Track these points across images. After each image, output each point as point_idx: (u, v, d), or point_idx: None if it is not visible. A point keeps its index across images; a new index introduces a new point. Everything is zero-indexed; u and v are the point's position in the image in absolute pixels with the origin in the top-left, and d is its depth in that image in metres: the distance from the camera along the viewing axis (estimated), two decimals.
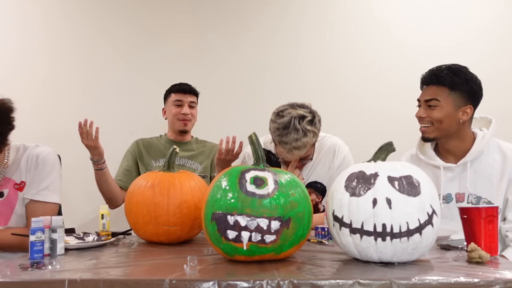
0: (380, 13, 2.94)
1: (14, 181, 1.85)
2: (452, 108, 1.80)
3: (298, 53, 2.94)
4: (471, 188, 1.82)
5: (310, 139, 1.91)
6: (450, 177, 1.85)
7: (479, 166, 1.83)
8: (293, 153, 1.93)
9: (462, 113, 1.81)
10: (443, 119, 1.80)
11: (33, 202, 1.84)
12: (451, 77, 1.79)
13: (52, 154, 1.91)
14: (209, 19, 2.96)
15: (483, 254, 1.26)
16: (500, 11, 2.90)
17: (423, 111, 1.84)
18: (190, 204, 1.63)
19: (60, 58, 2.91)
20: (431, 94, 1.83)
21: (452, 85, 1.79)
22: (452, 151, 1.88)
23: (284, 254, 1.30)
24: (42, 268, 1.22)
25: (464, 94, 1.80)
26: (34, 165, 1.86)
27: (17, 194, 1.85)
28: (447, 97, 1.80)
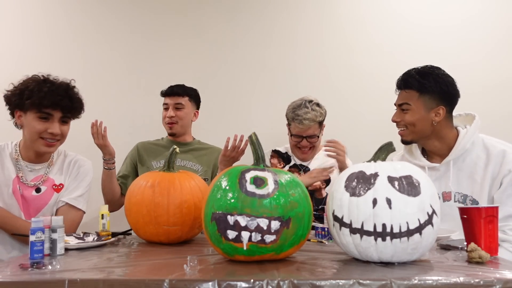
0: (379, 14, 2.94)
1: (53, 182, 1.93)
2: (423, 110, 1.83)
3: (298, 53, 2.94)
4: (457, 186, 1.83)
5: (317, 115, 2.37)
6: (436, 176, 1.86)
7: (463, 164, 1.84)
8: (304, 124, 2.35)
9: (434, 115, 1.83)
10: (415, 122, 1.84)
11: (68, 206, 1.92)
12: (419, 81, 1.82)
13: (91, 168, 2.04)
14: (210, 19, 2.96)
15: (483, 254, 1.26)
16: (501, 12, 2.90)
17: (398, 115, 1.90)
18: (190, 204, 1.63)
19: (60, 58, 2.90)
20: (402, 98, 1.87)
21: (421, 89, 1.82)
22: (435, 151, 1.90)
23: (284, 254, 1.30)
24: (42, 268, 1.22)
25: (435, 96, 1.82)
26: (75, 172, 1.97)
27: (53, 194, 1.92)
28: (417, 100, 1.83)
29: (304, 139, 2.42)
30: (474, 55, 2.86)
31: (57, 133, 1.83)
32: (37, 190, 1.90)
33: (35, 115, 1.80)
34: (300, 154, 2.48)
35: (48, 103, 1.77)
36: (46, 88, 1.78)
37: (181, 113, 2.50)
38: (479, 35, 2.89)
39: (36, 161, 1.92)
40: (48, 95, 1.77)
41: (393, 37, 2.92)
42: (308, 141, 2.42)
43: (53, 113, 1.81)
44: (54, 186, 1.93)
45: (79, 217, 1.96)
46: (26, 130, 1.85)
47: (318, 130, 2.42)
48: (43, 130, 1.81)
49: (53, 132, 1.82)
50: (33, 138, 1.83)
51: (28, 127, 1.82)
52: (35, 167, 1.92)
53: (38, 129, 1.80)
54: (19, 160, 1.90)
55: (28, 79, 1.83)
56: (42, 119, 1.80)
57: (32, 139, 1.83)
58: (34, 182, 1.90)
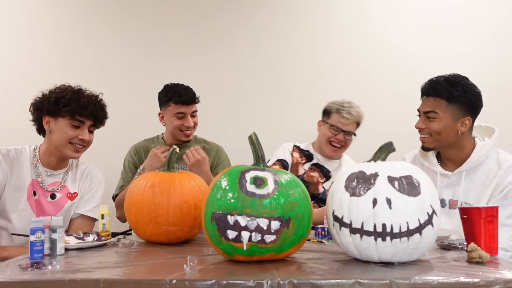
0: (380, 16, 2.94)
1: (68, 190, 1.99)
2: (451, 120, 1.82)
3: (298, 53, 2.94)
4: (465, 196, 1.83)
5: (360, 116, 2.44)
6: (446, 183, 1.88)
7: (475, 175, 1.84)
8: (351, 115, 2.39)
9: (460, 125, 1.82)
10: (442, 130, 1.82)
11: (82, 217, 1.99)
12: (448, 89, 1.80)
13: (103, 178, 2.10)
14: (210, 19, 2.96)
15: (483, 254, 1.26)
16: (503, 14, 2.90)
17: (422, 122, 1.87)
18: (190, 204, 1.63)
19: (59, 59, 2.90)
20: (430, 106, 1.84)
21: (450, 98, 1.80)
22: (452, 159, 1.90)
23: (284, 254, 1.30)
24: (42, 268, 1.22)
25: (463, 106, 1.81)
26: (88, 182, 2.04)
27: (67, 201, 1.97)
28: (445, 109, 1.81)
29: (342, 133, 2.42)
30: (476, 59, 2.86)
31: (86, 139, 1.94)
32: (52, 196, 1.94)
33: (68, 122, 1.89)
34: (330, 151, 2.46)
35: (85, 112, 1.90)
36: (85, 99, 1.91)
37: (196, 119, 2.46)
38: (483, 34, 2.89)
39: (56, 167, 1.98)
40: (86, 105, 1.90)
41: (394, 38, 2.92)
42: (344, 137, 2.43)
43: (85, 121, 1.92)
44: (68, 194, 1.98)
45: (92, 227, 2.02)
46: (55, 135, 1.91)
47: (355, 130, 2.45)
48: (74, 136, 1.90)
49: (83, 139, 1.92)
50: (63, 143, 1.90)
51: (60, 133, 1.90)
52: (54, 172, 1.97)
53: (70, 135, 1.90)
54: (38, 166, 1.95)
55: (63, 87, 1.94)
56: (74, 126, 1.91)
57: (62, 144, 1.91)
58: (52, 187, 1.95)
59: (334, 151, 2.46)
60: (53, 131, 1.91)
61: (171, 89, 2.42)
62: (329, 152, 2.46)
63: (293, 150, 2.53)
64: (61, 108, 1.88)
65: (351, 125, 2.42)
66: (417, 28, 2.92)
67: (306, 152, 2.53)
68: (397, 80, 2.87)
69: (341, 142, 2.44)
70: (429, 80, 1.88)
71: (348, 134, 2.43)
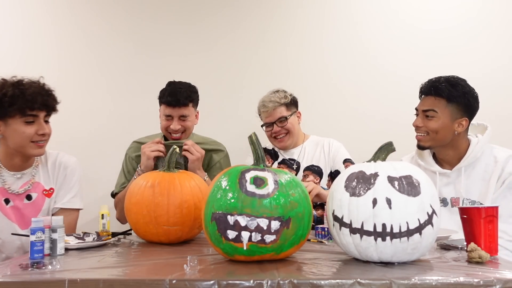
0: (380, 14, 2.94)
1: (43, 187, 1.89)
2: (449, 119, 1.85)
3: (298, 53, 2.93)
4: (466, 193, 1.86)
5: (280, 96, 2.40)
6: (446, 182, 1.90)
7: (473, 171, 1.87)
8: (268, 107, 2.38)
9: (457, 125, 1.85)
10: (439, 129, 1.85)
11: (62, 210, 1.90)
12: (449, 89, 1.83)
13: (77, 163, 2.00)
14: (210, 18, 2.95)
15: (483, 254, 1.26)
16: (500, 11, 2.90)
17: (420, 120, 1.90)
18: (190, 204, 1.63)
19: (60, 59, 2.90)
20: (429, 104, 1.87)
21: (450, 97, 1.84)
22: (447, 160, 1.93)
23: (284, 254, 1.30)
24: (42, 268, 1.22)
25: (461, 107, 1.84)
26: (63, 174, 1.93)
27: (44, 199, 1.89)
28: (444, 108, 1.85)
29: (274, 124, 2.38)
30: (474, 58, 2.86)
31: (47, 133, 1.79)
32: (28, 197, 1.86)
33: (20, 120, 1.73)
34: (278, 143, 2.43)
35: (36, 105, 1.73)
36: (30, 90, 1.73)
37: (187, 123, 2.27)
38: (480, 34, 2.88)
39: (23, 168, 1.86)
40: (33, 96, 1.72)
41: (393, 36, 2.91)
42: (278, 126, 2.38)
43: (38, 114, 1.76)
44: (44, 191, 1.89)
45: (76, 216, 1.96)
46: (11, 138, 1.76)
47: (286, 113, 2.39)
48: (33, 134, 1.75)
49: (44, 133, 1.78)
50: (24, 143, 1.75)
51: (15, 134, 1.74)
52: (23, 172, 1.86)
53: (29, 134, 1.74)
54: (2, 171, 1.83)
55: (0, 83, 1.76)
56: (28, 123, 1.74)
57: (23, 145, 1.76)
58: (24, 188, 1.85)
59: (280, 141, 2.41)
60: (7, 134, 1.75)
61: (166, 88, 2.32)
62: (278, 144, 2.44)
63: None
64: (7, 108, 1.70)
65: (276, 112, 2.37)
66: (417, 28, 2.91)
67: (272, 151, 2.51)
68: (397, 80, 2.87)
69: (280, 132, 2.39)
70: (429, 80, 1.91)
71: (281, 121, 2.38)
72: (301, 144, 2.48)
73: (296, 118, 2.46)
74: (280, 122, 2.38)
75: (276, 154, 2.49)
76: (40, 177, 1.90)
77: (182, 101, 2.22)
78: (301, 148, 2.47)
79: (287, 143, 2.42)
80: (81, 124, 2.84)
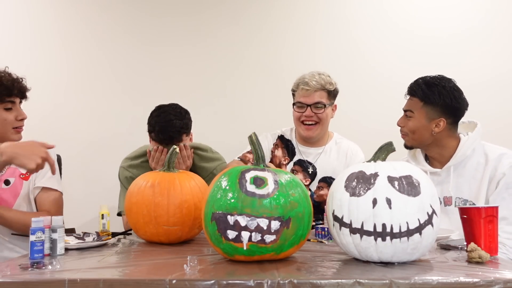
0: (381, 12, 2.94)
1: (19, 171, 1.90)
2: (424, 120, 1.86)
3: (297, 53, 2.94)
4: (457, 191, 1.85)
5: (326, 81, 2.16)
6: (437, 181, 1.88)
7: (464, 169, 1.86)
8: (310, 86, 2.13)
9: (435, 125, 1.86)
10: (415, 130, 1.88)
11: (44, 190, 1.92)
12: (424, 91, 1.85)
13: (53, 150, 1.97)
14: (209, 19, 2.96)
15: (483, 254, 1.26)
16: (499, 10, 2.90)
17: (402, 120, 1.94)
18: (190, 204, 1.63)
19: (60, 59, 2.91)
20: (407, 105, 1.92)
21: (424, 99, 1.85)
22: (436, 158, 1.93)
23: (284, 254, 1.30)
24: (42, 268, 1.22)
25: (437, 108, 1.84)
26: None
27: (22, 183, 1.90)
28: (420, 109, 1.87)
29: (309, 107, 2.14)
30: (474, 58, 2.86)
31: (25, 117, 1.87)
32: (6, 182, 1.88)
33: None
34: (304, 130, 2.18)
35: (14, 91, 1.82)
36: (5, 78, 1.82)
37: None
38: (476, 36, 2.89)
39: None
40: (10, 83, 1.81)
41: (393, 37, 2.92)
42: (313, 111, 2.14)
43: (15, 101, 1.85)
44: (21, 175, 1.91)
45: (59, 197, 1.96)
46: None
47: (326, 100, 2.16)
48: (14, 119, 1.84)
49: (23, 118, 1.86)
50: (6, 130, 1.83)
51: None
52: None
53: (10, 120, 1.83)
54: None
55: None
56: (7, 110, 1.83)
57: (4, 131, 1.83)
58: (0, 173, 1.87)
59: (308, 130, 2.18)
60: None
61: (155, 119, 2.12)
62: (304, 132, 2.19)
63: (276, 146, 2.28)
64: None
65: (316, 95, 2.14)
66: (417, 27, 2.91)
67: (289, 144, 2.28)
68: (397, 80, 2.86)
69: (312, 118, 2.16)
70: (413, 80, 1.93)
71: (317, 107, 2.15)
72: (323, 146, 2.27)
73: (331, 111, 2.24)
74: (316, 108, 2.15)
75: (293, 150, 2.28)
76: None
77: (176, 138, 2.07)
78: (322, 150, 2.26)
79: (314, 133, 2.20)
80: (81, 124, 2.84)
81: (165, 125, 2.07)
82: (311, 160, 2.25)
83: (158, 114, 2.13)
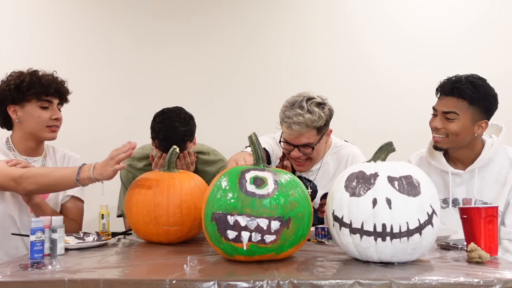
0: (380, 12, 2.94)
1: None
2: (470, 122, 1.78)
3: (297, 53, 2.94)
4: (478, 194, 1.83)
5: (313, 119, 1.85)
6: (458, 182, 1.86)
7: (487, 172, 1.84)
8: (292, 129, 1.86)
9: (477, 127, 1.79)
10: (459, 132, 1.78)
11: (73, 199, 1.99)
12: (472, 91, 1.75)
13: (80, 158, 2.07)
14: (209, 20, 2.96)
15: (483, 254, 1.26)
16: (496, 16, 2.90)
17: (440, 122, 1.81)
18: (190, 204, 1.63)
19: (60, 59, 2.90)
20: (451, 106, 1.78)
21: (472, 100, 1.76)
22: (461, 159, 1.88)
23: (284, 254, 1.30)
24: (42, 268, 1.22)
25: (482, 109, 1.78)
26: (71, 164, 2.00)
27: None
28: (466, 111, 1.77)
29: (296, 148, 1.93)
30: (475, 57, 2.86)
31: (60, 117, 1.92)
32: None
33: (36, 105, 1.86)
34: (296, 166, 2.03)
35: (51, 91, 1.87)
36: (45, 78, 1.88)
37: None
38: (480, 36, 2.88)
39: (35, 154, 1.95)
40: (49, 83, 1.87)
41: (392, 37, 2.92)
42: (300, 151, 1.94)
43: (53, 101, 1.89)
44: None
45: (83, 208, 2.04)
46: (27, 122, 1.87)
47: (314, 138, 1.92)
48: (48, 118, 1.88)
49: (57, 118, 1.91)
50: (40, 127, 1.88)
51: (31, 118, 1.87)
52: (34, 159, 1.93)
53: (44, 118, 1.87)
54: (17, 156, 1.90)
55: (17, 73, 1.89)
56: (43, 108, 1.87)
57: (39, 128, 1.88)
58: None
59: (299, 165, 2.01)
60: (23, 118, 1.87)
61: (158, 125, 2.04)
62: (296, 167, 2.03)
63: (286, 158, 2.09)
64: (25, 92, 1.84)
65: (304, 136, 1.89)
66: (417, 27, 2.91)
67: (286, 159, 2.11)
68: (398, 80, 2.87)
69: (301, 157, 1.96)
70: (449, 78, 1.82)
71: (305, 147, 1.93)
72: (320, 161, 2.06)
73: (326, 138, 2.01)
74: (304, 148, 1.94)
75: (292, 166, 2.08)
76: (49, 166, 1.96)
77: (180, 147, 1.86)
78: (320, 165, 2.07)
79: (306, 168, 2.04)
80: (82, 124, 2.84)
81: (169, 132, 1.99)
82: (310, 177, 2.09)
83: (161, 120, 2.04)
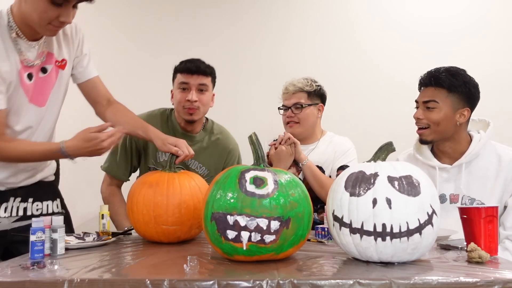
0: (380, 12, 2.94)
1: (55, 57, 1.69)
2: (450, 110, 1.82)
3: (298, 53, 2.94)
4: (466, 189, 1.83)
5: (305, 83, 2.30)
6: (445, 178, 1.87)
7: (475, 168, 1.84)
8: (288, 90, 2.31)
9: (459, 116, 1.83)
10: (441, 121, 1.82)
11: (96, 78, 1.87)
12: (449, 79, 1.81)
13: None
14: (209, 20, 2.96)
15: (483, 254, 1.26)
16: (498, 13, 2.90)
17: (421, 112, 1.86)
18: (189, 204, 1.63)
19: None
20: (430, 95, 1.84)
21: (451, 87, 1.81)
22: (447, 153, 1.89)
23: (284, 254, 1.30)
24: (42, 268, 1.22)
25: (462, 97, 1.82)
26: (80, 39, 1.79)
27: (58, 72, 1.71)
28: (446, 98, 1.82)
29: (289, 109, 2.30)
30: (474, 56, 2.86)
31: (68, 22, 1.55)
32: (43, 70, 1.65)
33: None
34: (287, 129, 2.33)
35: None
36: None
37: (205, 97, 2.11)
38: (480, 34, 2.89)
39: (38, 38, 1.63)
40: None
41: (393, 36, 2.92)
42: (293, 112, 2.28)
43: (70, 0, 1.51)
44: (57, 62, 1.69)
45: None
46: (28, 6, 1.52)
47: (305, 100, 2.29)
48: (54, 18, 1.51)
49: (64, 21, 1.54)
50: (41, 23, 1.52)
51: (34, 6, 1.50)
52: (38, 43, 1.64)
53: (50, 16, 1.50)
54: (19, 41, 1.58)
55: None
56: (55, 4, 1.49)
57: (39, 23, 1.53)
58: (39, 60, 1.64)
59: (290, 127, 2.31)
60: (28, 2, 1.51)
61: (181, 61, 2.19)
62: (287, 130, 2.32)
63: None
64: None
65: (295, 97, 2.29)
66: (417, 27, 2.91)
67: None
68: (398, 79, 2.87)
69: (293, 119, 2.29)
70: (428, 71, 1.89)
71: (296, 108, 2.28)
72: (316, 142, 2.36)
73: (316, 111, 2.34)
74: (295, 109, 2.29)
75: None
76: (53, 48, 1.69)
77: (202, 69, 2.10)
78: (315, 146, 2.35)
79: (295, 130, 2.30)
80: (81, 125, 2.83)
81: (195, 60, 2.15)
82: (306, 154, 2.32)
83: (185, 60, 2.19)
